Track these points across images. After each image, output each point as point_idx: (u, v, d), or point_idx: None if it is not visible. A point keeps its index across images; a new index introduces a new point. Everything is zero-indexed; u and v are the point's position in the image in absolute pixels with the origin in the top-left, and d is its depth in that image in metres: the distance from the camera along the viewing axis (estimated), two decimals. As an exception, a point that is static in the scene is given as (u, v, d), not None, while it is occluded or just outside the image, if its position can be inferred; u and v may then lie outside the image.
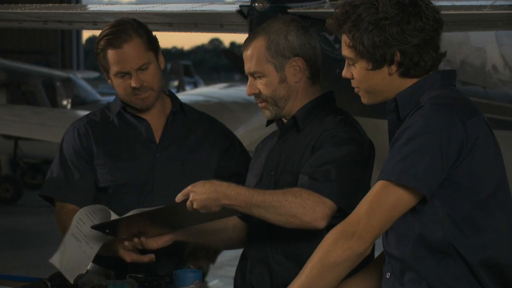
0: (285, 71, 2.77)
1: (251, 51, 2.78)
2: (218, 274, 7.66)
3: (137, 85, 2.96)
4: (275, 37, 2.76)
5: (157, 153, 3.04)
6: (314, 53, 2.80)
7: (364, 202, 2.26)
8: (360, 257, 2.27)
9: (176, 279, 2.70)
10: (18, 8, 5.07)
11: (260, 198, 2.61)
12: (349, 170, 2.68)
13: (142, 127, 3.07)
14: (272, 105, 2.81)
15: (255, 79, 2.80)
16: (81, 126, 3.09)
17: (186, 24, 5.04)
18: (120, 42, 2.95)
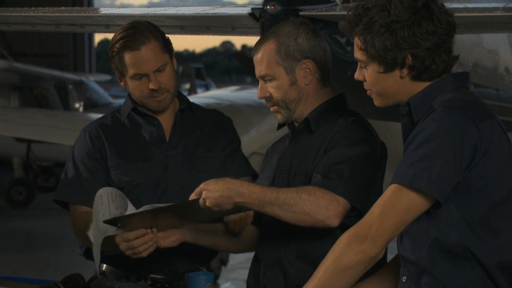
0: (295, 73, 2.77)
1: (261, 55, 2.78)
2: (230, 276, 7.67)
3: (155, 87, 2.97)
4: (285, 40, 2.76)
5: (168, 152, 3.06)
6: (324, 55, 2.81)
7: (377, 206, 2.26)
8: (373, 261, 2.27)
9: (189, 281, 2.70)
10: (31, 12, 5.10)
11: (274, 196, 2.60)
12: (361, 170, 2.68)
13: (153, 127, 3.08)
14: (283, 108, 2.81)
15: (265, 82, 2.80)
16: (92, 129, 3.10)
17: (198, 27, 5.06)
18: (137, 44, 2.95)
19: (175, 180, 3.04)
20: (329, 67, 2.83)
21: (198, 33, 5.22)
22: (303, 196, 2.59)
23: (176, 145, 3.07)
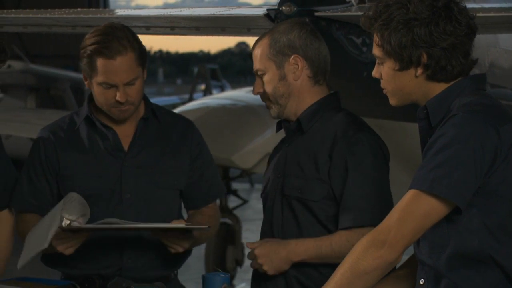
0: (284, 68, 2.81)
1: (257, 50, 2.85)
2: (245, 277, 7.67)
3: (122, 100, 2.86)
4: (278, 36, 2.82)
5: (125, 162, 2.96)
6: (317, 54, 2.82)
7: (395, 211, 2.24)
8: (390, 266, 2.26)
9: (204, 282, 2.71)
10: (47, 13, 5.11)
11: (329, 249, 2.72)
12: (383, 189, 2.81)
13: (110, 134, 2.98)
14: (274, 103, 2.85)
15: (259, 77, 2.85)
16: (46, 133, 2.99)
17: (213, 28, 5.06)
18: (113, 53, 2.82)
19: (131, 191, 2.94)
20: (323, 67, 2.84)
21: (213, 34, 5.23)
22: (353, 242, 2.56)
23: (135, 155, 2.97)
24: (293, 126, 2.88)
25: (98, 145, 2.98)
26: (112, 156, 2.97)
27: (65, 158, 2.97)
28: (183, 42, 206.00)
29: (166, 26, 5.07)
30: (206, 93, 17.97)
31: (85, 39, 2.91)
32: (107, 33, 2.85)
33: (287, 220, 2.83)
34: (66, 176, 2.96)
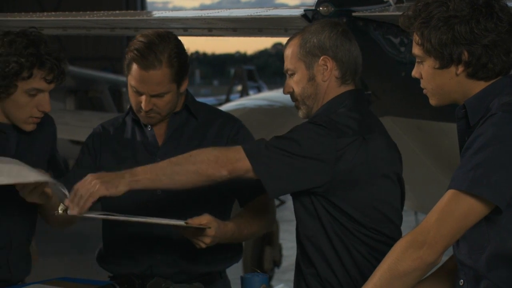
0: (314, 69, 2.80)
1: (288, 50, 2.84)
2: (283, 278, 7.66)
3: (145, 109, 2.91)
4: (308, 36, 2.80)
5: (157, 158, 2.98)
6: (348, 56, 2.80)
7: (434, 211, 2.23)
8: (430, 267, 2.24)
9: (243, 283, 2.71)
10: (86, 16, 5.16)
11: (166, 162, 2.67)
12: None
13: (147, 131, 3.04)
14: (302, 104, 2.84)
15: (289, 77, 2.85)
16: (99, 127, 3.12)
17: (250, 29, 5.06)
18: (147, 65, 2.85)
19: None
20: (353, 68, 2.82)
21: (250, 35, 5.23)
22: (193, 153, 2.66)
23: (168, 151, 2.98)
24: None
25: (136, 141, 3.04)
26: (147, 152, 3.02)
27: (106, 152, 3.05)
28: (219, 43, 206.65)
29: (203, 27, 5.09)
30: (243, 94, 18.00)
31: (134, 39, 2.95)
32: (150, 42, 2.88)
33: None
34: (104, 166, 3.01)
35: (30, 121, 2.93)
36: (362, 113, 2.78)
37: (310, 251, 2.75)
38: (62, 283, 2.90)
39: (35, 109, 2.91)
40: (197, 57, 63.75)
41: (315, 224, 2.73)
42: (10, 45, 2.84)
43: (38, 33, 2.91)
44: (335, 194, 2.68)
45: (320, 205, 2.71)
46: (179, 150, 2.98)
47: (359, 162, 2.67)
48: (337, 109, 2.76)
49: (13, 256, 2.98)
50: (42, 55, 2.84)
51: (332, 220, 2.71)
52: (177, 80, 2.92)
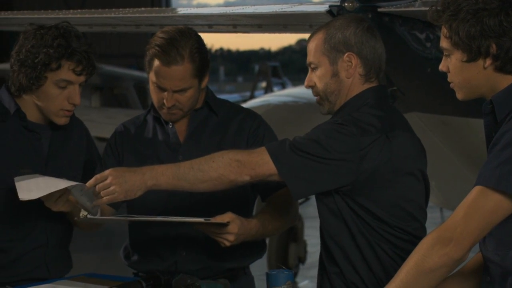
0: (338, 65, 2.78)
1: (311, 44, 2.82)
2: (308, 274, 7.66)
3: (168, 104, 2.94)
4: (333, 32, 2.78)
5: (179, 155, 3.01)
6: (373, 53, 2.78)
7: (461, 207, 2.22)
8: (457, 264, 2.23)
9: (269, 279, 2.71)
10: (112, 13, 5.18)
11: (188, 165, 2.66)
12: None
13: (169, 128, 3.05)
14: (324, 99, 2.82)
15: (312, 71, 2.83)
16: (120, 126, 3.14)
17: (275, 25, 5.06)
18: (169, 61, 2.87)
19: None
20: (377, 65, 2.80)
21: (275, 31, 5.23)
22: (215, 158, 2.65)
23: (189, 148, 3.01)
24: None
25: (158, 139, 3.05)
26: (169, 149, 3.03)
27: (128, 151, 3.07)
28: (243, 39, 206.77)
29: (228, 24, 5.09)
30: (267, 90, 18.00)
31: (155, 35, 2.97)
32: (171, 38, 2.90)
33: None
34: (126, 165, 2.99)
35: (61, 114, 2.95)
36: (385, 111, 2.76)
37: (334, 250, 2.74)
38: (88, 279, 2.91)
39: (65, 102, 2.93)
40: (222, 54, 63.82)
41: (338, 224, 2.72)
42: (41, 38, 2.87)
43: (70, 26, 2.94)
44: (360, 193, 2.67)
45: (344, 204, 2.70)
46: (200, 146, 3.00)
47: (383, 161, 2.66)
48: (359, 107, 2.74)
49: (50, 255, 3.02)
50: (71, 46, 2.87)
51: (356, 219, 2.70)
52: (198, 76, 2.93)
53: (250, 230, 2.84)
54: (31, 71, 2.87)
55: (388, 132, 2.68)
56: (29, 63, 2.87)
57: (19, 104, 2.98)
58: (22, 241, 2.97)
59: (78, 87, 2.94)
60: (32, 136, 2.99)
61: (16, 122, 2.98)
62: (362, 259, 2.71)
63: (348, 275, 2.73)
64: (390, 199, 2.69)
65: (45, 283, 2.88)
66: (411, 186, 2.74)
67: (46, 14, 5.57)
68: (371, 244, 2.70)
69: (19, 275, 2.95)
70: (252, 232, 2.86)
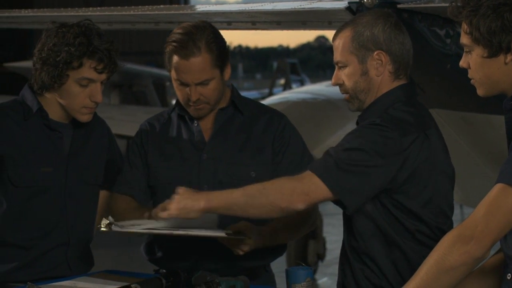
0: (367, 63, 2.75)
1: (338, 41, 2.79)
2: (327, 271, 7.65)
3: (193, 98, 2.94)
4: (361, 29, 2.75)
5: (204, 153, 3.01)
6: (401, 49, 2.76)
7: (482, 205, 2.21)
8: (477, 262, 2.23)
9: (288, 276, 2.71)
10: (131, 10, 5.20)
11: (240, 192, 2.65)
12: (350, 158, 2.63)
13: (194, 126, 3.05)
14: (353, 97, 2.80)
15: (339, 69, 2.80)
16: (145, 123, 3.14)
17: (294, 22, 5.05)
18: (188, 53, 2.89)
19: (208, 182, 2.98)
20: (406, 61, 2.77)
21: (294, 28, 5.22)
22: (266, 186, 2.62)
23: (214, 147, 3.01)
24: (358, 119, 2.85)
25: (183, 137, 3.05)
26: (194, 147, 3.03)
27: (153, 147, 3.07)
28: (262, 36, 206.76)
29: (247, 21, 5.09)
30: (286, 87, 18.00)
31: (170, 34, 2.98)
32: (187, 33, 2.92)
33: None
34: (151, 164, 3.06)
35: (84, 111, 2.96)
36: (418, 108, 2.75)
37: (360, 248, 2.73)
38: (109, 276, 2.93)
39: (87, 100, 2.94)
40: (240, 51, 63.86)
41: (368, 222, 2.70)
42: (63, 36, 2.88)
43: (92, 24, 2.95)
44: (399, 191, 2.65)
45: (377, 202, 2.67)
46: (225, 145, 3.00)
47: (423, 159, 2.64)
48: (391, 105, 2.72)
49: (72, 253, 3.03)
50: (92, 45, 2.88)
51: (388, 218, 2.68)
52: (218, 65, 2.94)
53: (263, 238, 2.87)
54: (53, 70, 2.89)
55: (426, 129, 2.67)
56: (51, 62, 2.88)
57: (41, 102, 2.99)
58: (44, 240, 2.99)
59: (100, 85, 2.95)
60: (54, 135, 3.01)
61: (38, 121, 2.99)
62: (389, 258, 2.70)
63: (373, 273, 2.72)
64: (426, 197, 2.67)
65: (65, 280, 2.90)
66: (444, 184, 2.72)
67: (66, 12, 5.60)
68: (399, 244, 2.68)
69: (41, 273, 2.97)
70: (265, 241, 2.90)
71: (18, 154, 2.95)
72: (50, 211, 2.98)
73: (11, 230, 2.97)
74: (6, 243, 2.97)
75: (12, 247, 2.97)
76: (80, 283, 2.84)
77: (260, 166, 3.01)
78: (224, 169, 2.99)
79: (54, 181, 2.98)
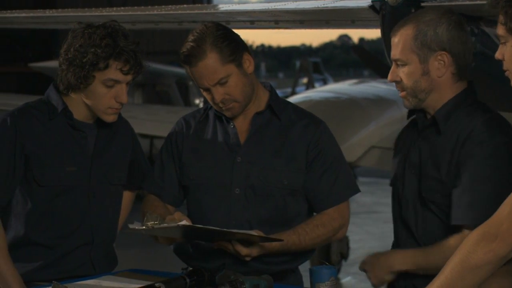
0: (429, 64, 2.71)
1: (398, 38, 2.74)
2: (350, 271, 7.63)
3: (217, 100, 2.93)
4: (424, 28, 2.70)
5: (238, 156, 2.99)
6: (464, 48, 2.71)
7: (507, 204, 2.19)
8: (502, 260, 2.21)
9: (312, 275, 2.70)
10: (154, 10, 5.21)
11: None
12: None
13: (230, 128, 3.04)
14: (411, 96, 2.75)
15: (398, 66, 2.75)
16: (181, 121, 3.13)
17: (317, 21, 5.03)
18: (195, 60, 2.89)
19: (240, 186, 2.97)
20: (467, 61, 2.73)
21: (317, 27, 5.20)
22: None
23: (249, 150, 2.99)
24: (429, 121, 2.79)
25: (218, 137, 3.04)
26: (229, 149, 3.01)
27: (188, 146, 3.07)
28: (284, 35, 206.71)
29: (270, 20, 5.09)
30: (309, 86, 17.97)
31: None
32: (192, 40, 2.92)
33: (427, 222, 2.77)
34: (185, 163, 3.06)
35: (110, 112, 2.98)
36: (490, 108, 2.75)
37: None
38: (132, 275, 2.93)
39: (113, 100, 2.95)
40: (262, 50, 63.84)
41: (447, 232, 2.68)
42: (90, 37, 2.89)
43: (118, 25, 2.96)
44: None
45: None
46: (260, 150, 2.98)
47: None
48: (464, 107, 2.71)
49: (96, 252, 3.05)
50: (118, 46, 2.89)
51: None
52: (231, 60, 2.91)
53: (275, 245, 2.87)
54: (79, 71, 2.90)
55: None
56: (77, 63, 2.89)
57: (66, 102, 3.01)
58: (68, 239, 3.00)
59: (125, 86, 2.96)
60: (78, 134, 3.02)
61: (63, 121, 3.01)
62: None
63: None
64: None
65: (90, 279, 2.91)
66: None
67: (89, 12, 5.62)
68: None
69: (65, 272, 2.98)
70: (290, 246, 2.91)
71: (43, 154, 2.96)
72: (74, 211, 3.00)
73: (35, 229, 2.99)
74: (31, 242, 2.99)
75: (37, 246, 2.99)
76: (104, 282, 2.85)
77: (293, 174, 2.99)
78: (257, 174, 2.97)
79: (78, 180, 2.99)
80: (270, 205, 2.97)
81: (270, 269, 2.96)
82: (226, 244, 2.85)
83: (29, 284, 2.94)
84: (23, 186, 2.97)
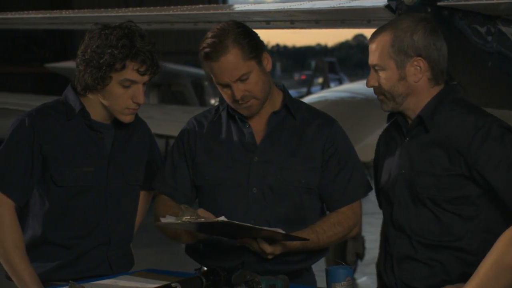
0: (405, 69, 2.77)
1: (376, 45, 2.79)
2: (366, 271, 7.62)
3: (238, 96, 2.93)
4: (401, 34, 2.76)
5: (255, 156, 2.99)
6: (439, 55, 2.77)
7: None
8: None
9: (329, 275, 2.71)
10: (170, 10, 5.22)
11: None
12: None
13: (245, 128, 3.03)
14: (389, 99, 2.81)
15: (376, 71, 2.80)
16: (192, 121, 3.12)
17: (333, 20, 5.03)
18: (217, 55, 2.88)
19: (257, 185, 2.97)
20: (442, 67, 2.79)
21: (333, 26, 5.20)
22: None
23: (265, 150, 2.99)
24: (414, 122, 2.83)
25: (233, 137, 3.04)
26: (244, 149, 3.01)
27: (201, 146, 3.06)
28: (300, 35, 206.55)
29: (285, 20, 5.09)
30: (324, 86, 17.96)
31: (200, 43, 2.98)
32: (213, 36, 2.92)
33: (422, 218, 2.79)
34: (199, 163, 3.05)
35: (127, 112, 2.99)
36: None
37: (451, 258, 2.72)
38: (149, 274, 2.94)
39: (129, 101, 2.96)
40: (278, 50, 63.80)
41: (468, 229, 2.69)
42: (106, 38, 2.91)
43: (134, 26, 2.97)
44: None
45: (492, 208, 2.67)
46: (277, 149, 2.98)
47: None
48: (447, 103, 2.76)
49: (113, 252, 3.06)
50: (135, 47, 2.90)
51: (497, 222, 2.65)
52: (252, 57, 2.92)
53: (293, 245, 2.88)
54: (96, 71, 2.91)
55: None
56: (95, 64, 2.90)
57: (84, 103, 3.02)
58: (85, 239, 3.01)
59: (142, 86, 2.97)
60: (95, 135, 3.03)
61: (80, 121, 3.02)
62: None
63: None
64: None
65: (107, 278, 2.92)
66: None
67: (105, 12, 5.64)
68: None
69: (82, 272, 3.00)
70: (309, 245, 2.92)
71: (60, 154, 2.97)
72: (91, 211, 3.01)
73: (53, 229, 3.00)
74: (48, 242, 3.00)
75: (54, 246, 3.00)
76: (121, 281, 2.86)
77: (310, 173, 3.00)
78: (275, 173, 2.98)
79: (95, 181, 3.00)
80: (288, 204, 2.97)
81: (286, 268, 2.96)
82: (251, 241, 2.85)
83: (46, 284, 2.96)
84: (40, 186, 2.98)
